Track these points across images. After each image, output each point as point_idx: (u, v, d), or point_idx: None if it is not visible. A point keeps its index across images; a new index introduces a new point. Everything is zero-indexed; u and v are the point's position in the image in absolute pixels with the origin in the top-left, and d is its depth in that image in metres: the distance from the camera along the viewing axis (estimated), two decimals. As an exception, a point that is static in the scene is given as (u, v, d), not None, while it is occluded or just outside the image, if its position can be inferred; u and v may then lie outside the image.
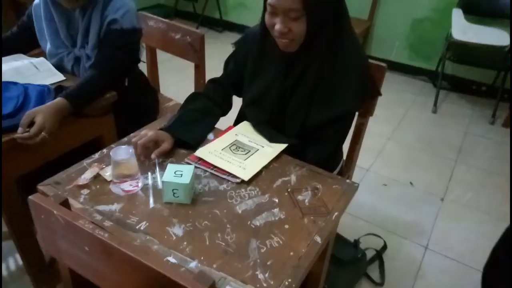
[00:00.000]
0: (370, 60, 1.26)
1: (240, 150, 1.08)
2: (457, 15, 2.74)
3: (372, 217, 1.90)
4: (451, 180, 2.23)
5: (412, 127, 2.72)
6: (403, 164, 2.34)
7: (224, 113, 1.27)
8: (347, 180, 1.01)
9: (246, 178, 0.97)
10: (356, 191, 0.98)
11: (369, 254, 1.68)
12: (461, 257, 1.74)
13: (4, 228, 1.28)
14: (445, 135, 2.65)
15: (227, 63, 1.29)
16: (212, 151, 1.06)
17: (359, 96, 1.11)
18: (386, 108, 2.67)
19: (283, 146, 1.11)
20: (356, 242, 1.63)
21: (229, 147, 1.09)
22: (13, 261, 1.60)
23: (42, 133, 1.12)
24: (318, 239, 0.83)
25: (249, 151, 1.08)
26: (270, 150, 1.09)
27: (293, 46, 1.04)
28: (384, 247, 1.73)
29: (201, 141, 1.12)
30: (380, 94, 1.17)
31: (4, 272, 1.58)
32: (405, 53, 3.36)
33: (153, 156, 1.01)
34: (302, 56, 1.06)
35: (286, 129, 1.15)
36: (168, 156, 1.05)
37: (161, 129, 1.08)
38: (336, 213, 0.90)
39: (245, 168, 1.00)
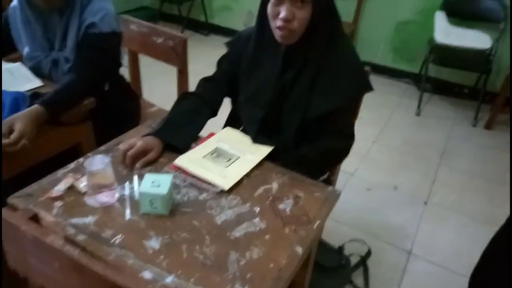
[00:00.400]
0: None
1: (221, 157, 1.06)
2: (440, 18, 2.77)
3: (356, 222, 1.90)
4: (434, 183, 2.25)
5: (397, 129, 2.74)
6: (388, 168, 2.35)
7: (214, 112, 1.25)
8: (329, 188, 0.99)
9: (226, 187, 0.95)
10: (338, 199, 0.97)
11: (354, 260, 1.67)
12: (445, 262, 1.75)
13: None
14: (429, 137, 2.67)
15: (220, 62, 1.28)
16: (192, 159, 1.04)
17: (359, 87, 1.13)
18: (371, 110, 2.67)
19: (265, 152, 1.09)
20: (340, 249, 1.62)
21: (210, 154, 1.06)
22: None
23: (23, 140, 1.09)
24: (299, 249, 0.81)
25: (230, 158, 1.06)
26: (252, 157, 1.07)
27: (293, 37, 1.03)
28: (369, 253, 1.72)
29: (190, 144, 1.11)
30: (372, 89, 1.16)
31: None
32: (389, 56, 3.38)
33: (138, 166, 0.98)
34: (300, 49, 1.07)
35: (283, 124, 1.14)
36: (148, 164, 1.03)
37: (149, 133, 1.06)
38: (318, 222, 0.88)
39: (225, 176, 0.98)
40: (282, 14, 0.99)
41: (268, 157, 1.09)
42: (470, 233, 1.90)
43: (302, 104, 1.11)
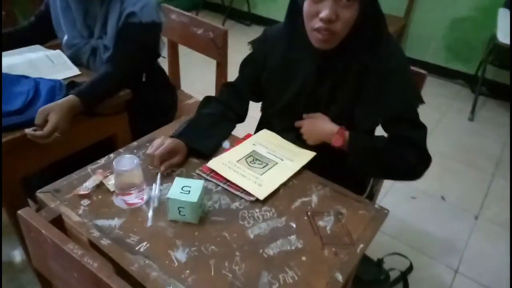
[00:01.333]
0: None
1: (257, 162, 0.98)
2: (504, 15, 2.52)
3: (398, 233, 1.77)
4: (487, 195, 2.06)
5: (447, 134, 2.54)
6: (435, 175, 2.18)
7: (240, 119, 1.16)
8: (376, 205, 0.89)
9: (261, 197, 0.87)
10: (385, 219, 0.87)
11: (393, 274, 1.55)
12: (495, 284, 1.58)
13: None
14: (483, 145, 2.46)
15: (243, 66, 1.18)
16: (226, 162, 0.97)
17: (409, 101, 0.98)
18: (419, 112, 2.49)
19: (305, 159, 1.00)
20: (380, 262, 1.51)
21: (245, 159, 0.99)
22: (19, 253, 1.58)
23: (55, 133, 1.06)
24: (340, 277, 0.72)
25: (267, 164, 0.98)
26: (291, 164, 0.98)
27: (332, 42, 0.90)
28: (410, 268, 1.59)
29: (215, 149, 1.03)
30: (423, 102, 1.03)
31: (14, 260, 1.57)
32: (442, 55, 3.15)
33: (162, 169, 0.92)
34: (340, 54, 0.93)
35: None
36: (176, 167, 0.96)
37: (173, 135, 0.99)
38: (361, 246, 0.78)
39: (261, 184, 0.90)
40: (324, 13, 0.84)
41: (309, 165, 0.99)
42: (526, 255, 1.72)
43: (345, 117, 0.99)
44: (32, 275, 1.44)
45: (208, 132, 1.04)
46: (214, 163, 0.96)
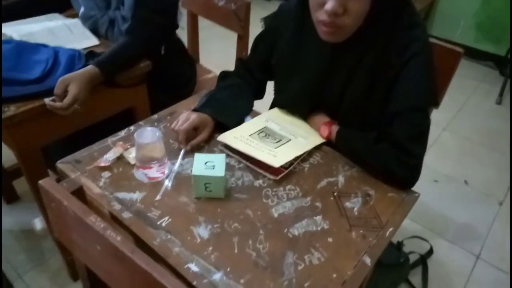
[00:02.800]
0: (440, 42, 1.06)
1: (270, 138, 0.93)
2: (542, -8, 2.38)
3: (419, 216, 1.72)
4: (510, 181, 1.99)
5: (472, 117, 2.45)
6: (458, 159, 2.11)
7: (258, 95, 1.12)
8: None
9: (277, 165, 0.82)
10: (415, 203, 0.83)
11: (413, 258, 1.52)
12: (517, 272, 1.55)
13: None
14: (509, 129, 2.37)
15: (255, 44, 1.10)
16: (238, 136, 0.92)
17: (417, 98, 0.86)
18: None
19: (320, 140, 0.95)
20: (400, 245, 1.48)
21: (257, 134, 0.94)
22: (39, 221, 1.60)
23: (75, 105, 1.04)
24: (368, 260, 0.69)
25: (280, 140, 0.93)
26: (304, 142, 0.93)
27: (339, 36, 0.82)
28: (430, 251, 1.56)
29: (239, 124, 0.99)
30: (437, 104, 0.93)
31: (34, 228, 1.60)
32: (470, 34, 3.01)
33: (188, 147, 0.89)
34: (353, 48, 0.84)
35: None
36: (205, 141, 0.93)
37: (197, 109, 0.96)
38: (390, 229, 0.75)
39: (275, 155, 0.86)
40: (329, 5, 0.74)
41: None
42: (551, 243, 1.67)
43: (360, 107, 0.91)
44: (53, 243, 1.47)
45: (230, 105, 1.00)
46: (225, 137, 0.92)
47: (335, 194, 0.82)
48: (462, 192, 1.91)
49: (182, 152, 0.88)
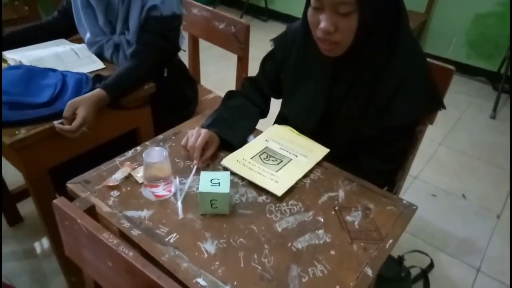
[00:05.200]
0: (432, 61, 1.11)
1: (271, 159, 0.97)
2: (529, 11, 2.47)
3: (419, 231, 1.75)
4: (509, 195, 2.02)
5: (467, 132, 2.50)
6: (455, 173, 2.15)
7: (263, 114, 1.17)
8: (404, 201, 0.88)
9: (279, 194, 0.86)
10: (413, 215, 0.86)
11: (414, 272, 1.54)
12: (519, 284, 1.56)
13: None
14: (504, 143, 2.41)
15: (264, 62, 1.17)
16: (241, 160, 0.96)
17: (422, 107, 0.96)
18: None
19: (319, 156, 0.99)
20: (401, 259, 1.50)
21: (259, 156, 0.98)
22: (46, 240, 1.61)
23: (83, 127, 1.08)
24: (369, 271, 0.72)
25: (281, 160, 0.96)
26: (305, 160, 0.97)
27: (338, 50, 0.88)
28: (431, 265, 1.58)
29: (244, 142, 1.03)
30: (444, 107, 1.01)
31: (37, 250, 1.62)
32: (463, 51, 3.09)
33: (200, 164, 0.92)
34: (352, 62, 0.91)
35: (332, 142, 1.02)
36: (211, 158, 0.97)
37: (204, 127, 1.00)
38: (390, 241, 0.78)
39: (277, 181, 0.90)
40: (322, 25, 0.83)
41: (329, 161, 0.99)
42: (550, 255, 1.69)
43: (353, 127, 0.98)
44: (55, 265, 1.48)
45: (236, 124, 1.04)
46: (228, 161, 0.95)
47: (336, 208, 0.85)
48: (460, 206, 1.94)
49: (194, 168, 0.92)
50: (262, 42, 1.16)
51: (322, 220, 0.82)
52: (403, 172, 1.30)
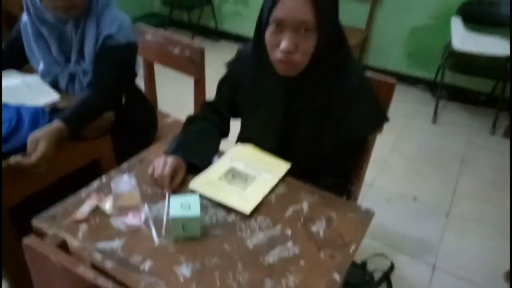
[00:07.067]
0: (374, 75, 1.21)
1: (237, 178, 1.01)
2: (457, 24, 2.72)
3: (378, 235, 1.85)
4: (455, 193, 2.19)
5: (413, 138, 2.68)
6: (407, 178, 2.30)
7: (224, 136, 1.21)
8: (362, 208, 0.95)
9: (248, 211, 0.90)
10: (371, 219, 0.93)
11: (377, 275, 1.62)
12: (471, 275, 1.69)
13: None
14: (447, 145, 2.62)
15: (220, 86, 1.21)
16: (208, 181, 0.99)
17: (370, 123, 1.05)
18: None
19: (282, 171, 1.04)
20: (364, 264, 1.58)
21: (225, 176, 1.01)
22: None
23: (43, 162, 1.06)
24: (337, 276, 0.77)
25: (247, 179, 1.01)
26: (269, 176, 1.02)
27: (295, 70, 0.94)
28: (392, 267, 1.67)
29: (209, 164, 1.06)
30: (387, 120, 1.09)
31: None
32: (403, 62, 3.33)
33: (170, 192, 0.94)
34: (306, 81, 0.98)
35: (293, 158, 1.07)
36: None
37: (169, 152, 1.02)
38: (353, 246, 0.84)
39: (245, 199, 0.94)
40: (283, 45, 0.88)
41: (291, 174, 1.05)
42: (495, 245, 1.85)
43: (310, 144, 1.05)
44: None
45: (200, 147, 1.07)
46: (196, 184, 0.98)
47: (301, 220, 0.90)
48: (412, 208, 2.08)
49: (167, 195, 0.92)
50: (215, 61, 1.20)
51: (289, 233, 0.87)
52: (359, 182, 1.39)
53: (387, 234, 1.88)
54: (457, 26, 2.71)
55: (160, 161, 0.96)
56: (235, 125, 1.25)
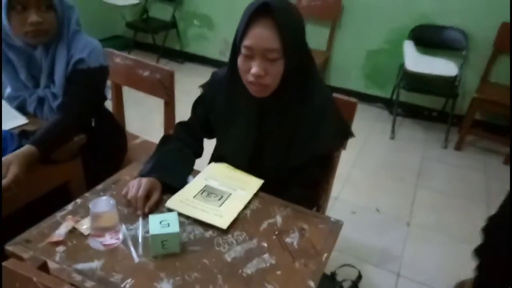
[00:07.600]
0: (337, 95, 1.30)
1: (212, 196, 1.05)
2: (409, 46, 2.93)
3: (345, 246, 1.92)
4: (414, 204, 2.33)
5: (373, 153, 2.83)
6: (369, 191, 2.41)
7: (198, 155, 1.25)
8: (332, 219, 1.02)
9: (224, 227, 0.94)
10: (340, 229, 0.99)
11: (346, 284, 1.69)
12: (432, 281, 1.79)
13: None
14: (404, 160, 2.78)
15: (195, 107, 1.26)
16: (184, 200, 1.02)
17: (336, 138, 1.13)
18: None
19: (255, 187, 1.09)
20: (333, 275, 1.64)
21: (200, 194, 1.05)
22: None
23: (13, 186, 1.04)
24: (312, 284, 0.82)
25: (222, 196, 1.05)
26: (243, 193, 1.07)
27: (266, 92, 1.03)
28: (359, 277, 1.74)
29: (184, 183, 1.09)
30: (353, 135, 1.19)
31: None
32: (361, 82, 3.52)
33: (146, 210, 0.96)
34: (277, 100, 1.05)
35: (265, 174, 1.13)
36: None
37: (144, 174, 1.04)
38: (325, 254, 0.90)
39: (221, 216, 0.98)
40: (253, 70, 0.96)
41: (263, 190, 1.10)
42: (452, 251, 1.97)
43: (279, 160, 1.11)
44: None
45: (175, 167, 1.10)
46: (172, 203, 1.01)
47: (276, 233, 0.95)
48: (376, 219, 2.18)
49: (140, 218, 0.95)
50: (181, 83, 1.24)
51: (265, 245, 0.91)
52: (326, 195, 1.47)
53: (353, 245, 1.96)
54: (409, 49, 2.93)
55: (134, 183, 0.99)
56: (208, 145, 1.29)
